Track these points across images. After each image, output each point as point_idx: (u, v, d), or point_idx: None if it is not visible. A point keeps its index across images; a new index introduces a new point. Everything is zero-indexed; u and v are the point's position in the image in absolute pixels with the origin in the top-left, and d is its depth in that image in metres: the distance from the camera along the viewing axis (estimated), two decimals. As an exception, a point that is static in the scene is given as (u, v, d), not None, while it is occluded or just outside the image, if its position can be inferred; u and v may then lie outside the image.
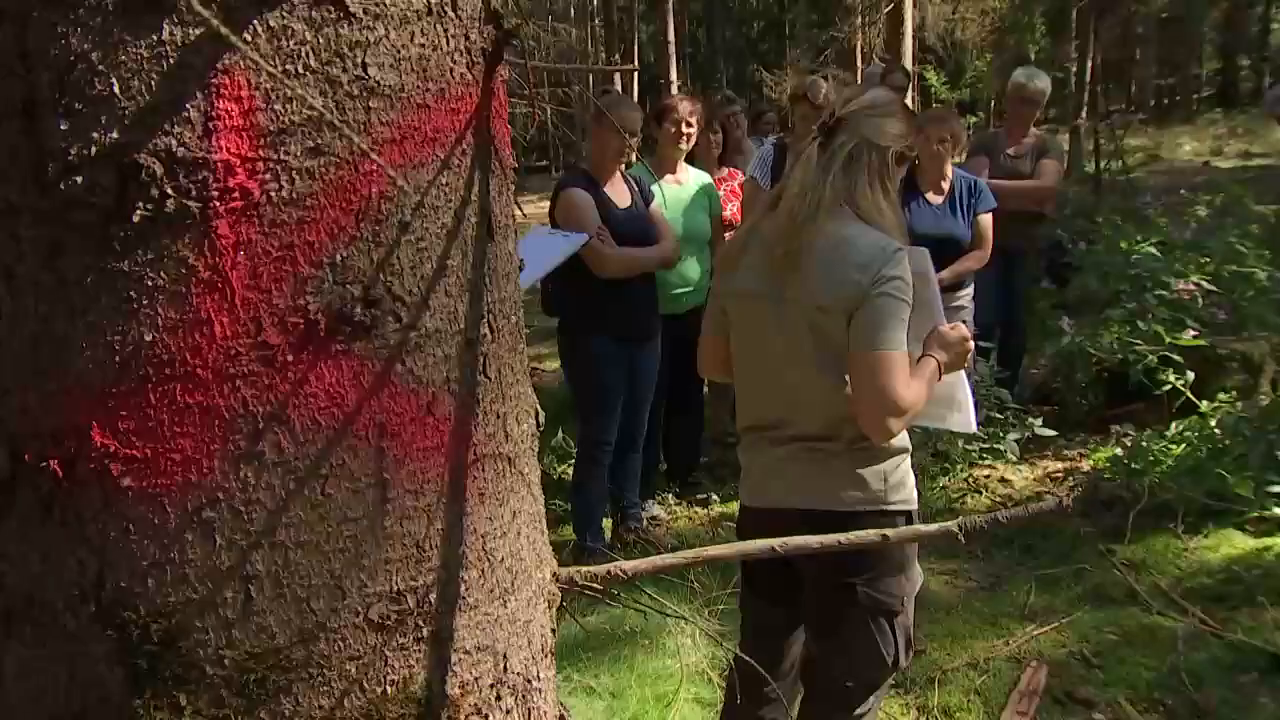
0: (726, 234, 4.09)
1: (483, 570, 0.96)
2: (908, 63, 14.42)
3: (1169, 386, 4.22)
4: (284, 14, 0.82)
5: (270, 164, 0.82)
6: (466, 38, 0.93)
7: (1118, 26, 23.31)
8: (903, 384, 1.72)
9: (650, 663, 3.10)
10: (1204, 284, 4.77)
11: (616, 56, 19.29)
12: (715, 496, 4.35)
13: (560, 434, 4.97)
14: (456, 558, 0.95)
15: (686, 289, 4.01)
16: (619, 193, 3.70)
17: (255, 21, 0.80)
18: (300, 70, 0.82)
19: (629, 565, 0.95)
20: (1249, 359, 4.42)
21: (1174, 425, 4.17)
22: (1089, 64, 15.97)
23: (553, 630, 1.00)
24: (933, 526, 1.00)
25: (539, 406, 1.03)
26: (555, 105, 12.56)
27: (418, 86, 0.89)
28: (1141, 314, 4.62)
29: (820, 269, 1.76)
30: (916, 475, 4.41)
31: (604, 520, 3.93)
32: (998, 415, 4.32)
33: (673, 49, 18.17)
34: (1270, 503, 3.51)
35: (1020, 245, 4.82)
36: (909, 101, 13.73)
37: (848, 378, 1.78)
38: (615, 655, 3.15)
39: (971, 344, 1.92)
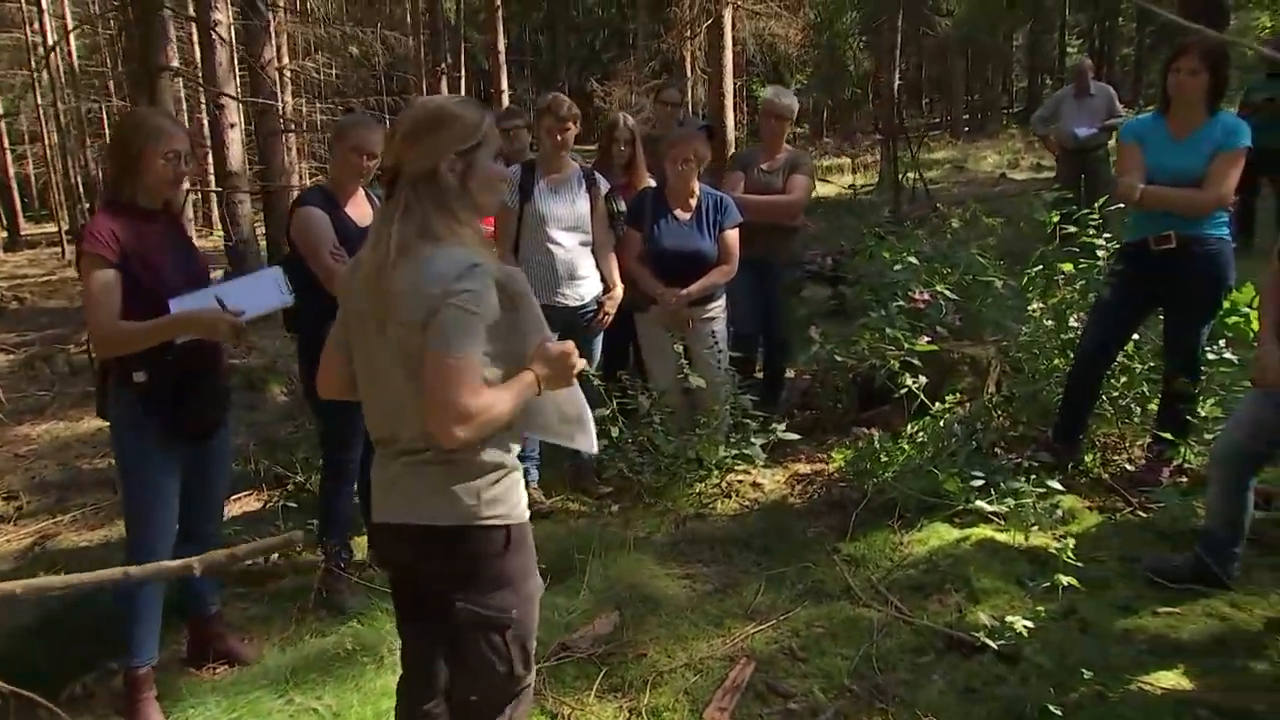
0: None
1: None
2: (729, 75, 14.89)
3: (906, 390, 4.53)
4: None
5: None
6: None
7: (932, 44, 24.68)
8: (469, 391, 1.77)
9: (377, 680, 3.10)
10: (946, 292, 5.13)
11: (443, 66, 19.10)
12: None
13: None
14: None
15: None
16: (359, 211, 3.68)
17: None
18: None
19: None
20: (977, 362, 4.78)
21: (910, 426, 4.47)
22: (896, 79, 16.90)
23: None
24: (176, 563, 1.06)
25: None
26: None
27: None
28: (890, 322, 4.93)
29: (405, 289, 1.84)
30: (673, 481, 4.53)
31: (353, 538, 3.90)
32: (746, 421, 4.50)
33: (503, 58, 18.14)
34: (973, 496, 3.80)
35: (774, 257, 5.05)
36: (732, 114, 14.14)
37: None
38: (342, 675, 3.14)
39: (577, 362, 2.00)
